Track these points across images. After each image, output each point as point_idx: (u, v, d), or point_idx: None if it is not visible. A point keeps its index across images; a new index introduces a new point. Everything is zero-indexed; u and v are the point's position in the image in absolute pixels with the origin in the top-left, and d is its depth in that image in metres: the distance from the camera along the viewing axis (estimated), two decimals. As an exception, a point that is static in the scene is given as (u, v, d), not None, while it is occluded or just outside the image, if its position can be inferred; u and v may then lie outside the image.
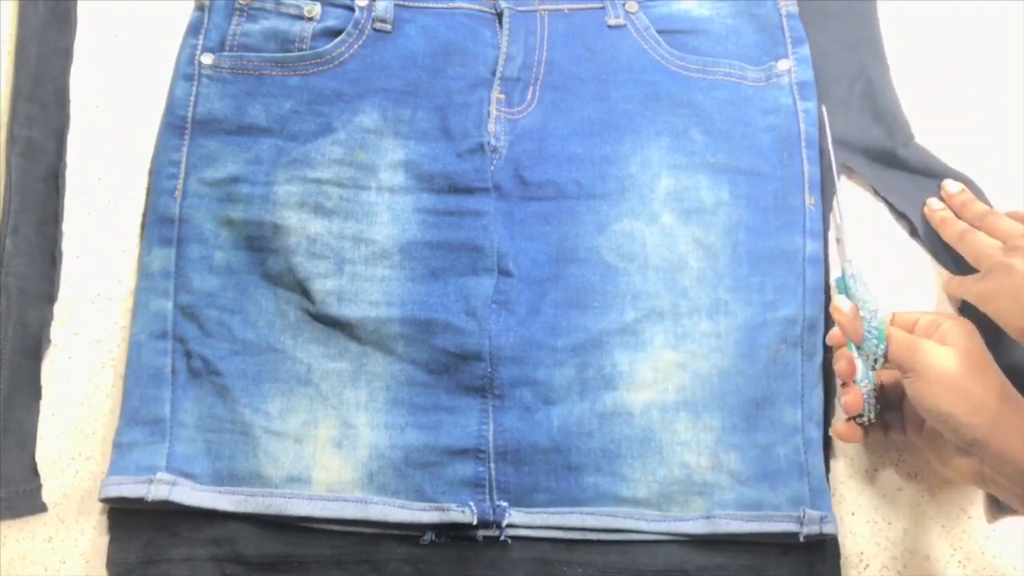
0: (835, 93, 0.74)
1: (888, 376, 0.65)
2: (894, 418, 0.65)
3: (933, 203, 0.71)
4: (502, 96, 0.73)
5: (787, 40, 0.75)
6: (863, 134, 0.74)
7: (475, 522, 0.63)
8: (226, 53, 0.73)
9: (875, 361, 0.60)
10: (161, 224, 0.69)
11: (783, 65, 0.74)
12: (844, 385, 0.63)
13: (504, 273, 0.68)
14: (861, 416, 0.62)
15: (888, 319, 0.64)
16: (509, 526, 0.64)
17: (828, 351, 0.68)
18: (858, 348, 0.62)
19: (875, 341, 0.60)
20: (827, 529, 0.63)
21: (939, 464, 0.62)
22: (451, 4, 0.75)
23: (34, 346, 0.67)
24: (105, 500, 0.63)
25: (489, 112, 0.72)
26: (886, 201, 0.74)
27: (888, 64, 0.76)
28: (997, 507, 0.67)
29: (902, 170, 0.73)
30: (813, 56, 0.74)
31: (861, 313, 0.61)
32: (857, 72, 0.75)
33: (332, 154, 0.70)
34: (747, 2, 0.76)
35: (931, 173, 0.72)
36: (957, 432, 0.57)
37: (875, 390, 0.62)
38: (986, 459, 0.57)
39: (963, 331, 0.59)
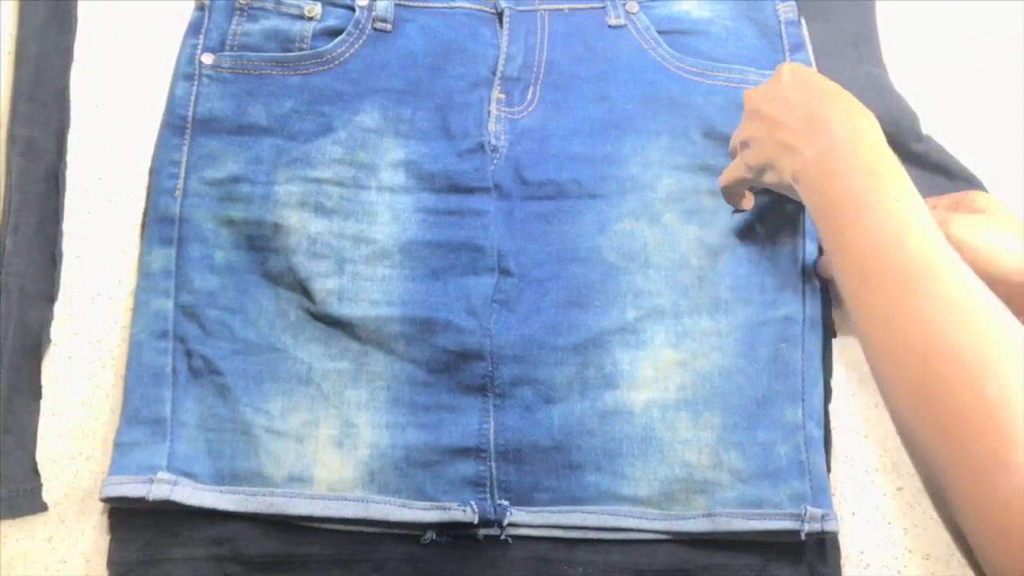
0: (840, 84, 0.75)
1: None
2: None
3: None
4: (502, 96, 0.73)
5: (785, 47, 0.75)
6: None
7: (476, 521, 0.63)
8: (226, 53, 0.73)
9: None
10: (161, 224, 0.69)
11: None
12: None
13: (504, 272, 0.68)
14: None
15: None
16: (510, 525, 0.64)
17: (828, 350, 0.68)
18: None
19: None
20: (828, 527, 0.63)
21: None
22: (451, 4, 0.75)
23: (34, 346, 0.67)
24: (106, 500, 0.63)
25: (489, 112, 0.72)
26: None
27: (884, 63, 0.76)
28: None
29: (917, 167, 0.73)
30: (815, 52, 0.75)
31: None
32: (859, 68, 0.75)
33: (332, 154, 0.70)
34: (747, 5, 0.76)
35: (947, 171, 0.72)
36: (1010, 291, 0.55)
37: None
38: None
39: (986, 199, 0.60)
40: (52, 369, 0.68)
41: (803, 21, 0.76)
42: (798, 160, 0.57)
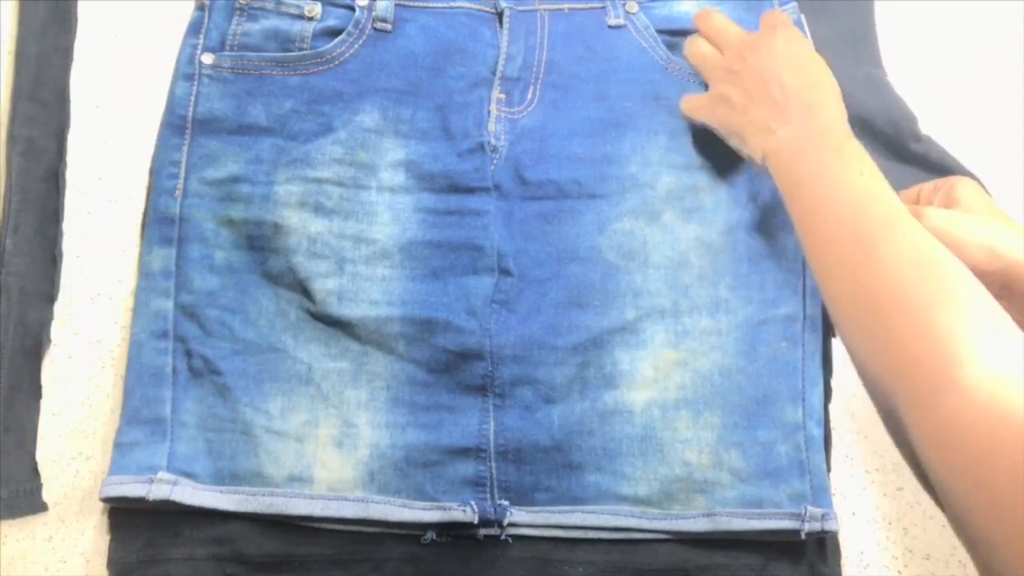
0: (840, 84, 0.75)
1: None
2: None
3: None
4: (502, 96, 0.73)
5: None
6: (870, 128, 0.74)
7: (476, 521, 0.63)
8: (226, 53, 0.73)
9: None
10: (161, 224, 0.69)
11: None
12: None
13: (504, 272, 0.68)
14: None
15: None
16: (510, 525, 0.64)
17: (829, 349, 0.68)
18: None
19: None
20: (828, 526, 0.63)
21: None
22: (451, 4, 0.75)
23: (34, 346, 0.67)
24: (106, 500, 0.63)
25: (489, 112, 0.72)
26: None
27: (883, 63, 0.76)
28: None
29: (917, 167, 0.73)
30: (816, 49, 0.75)
31: None
32: (859, 68, 0.75)
33: (332, 154, 0.70)
34: (747, 5, 0.76)
35: (946, 171, 0.72)
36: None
37: None
38: (1012, 301, 0.57)
39: (968, 185, 0.61)
40: (52, 369, 0.68)
41: (804, 20, 0.76)
42: (771, 140, 0.61)
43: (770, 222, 0.70)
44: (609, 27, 0.75)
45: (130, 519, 0.64)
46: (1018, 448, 0.39)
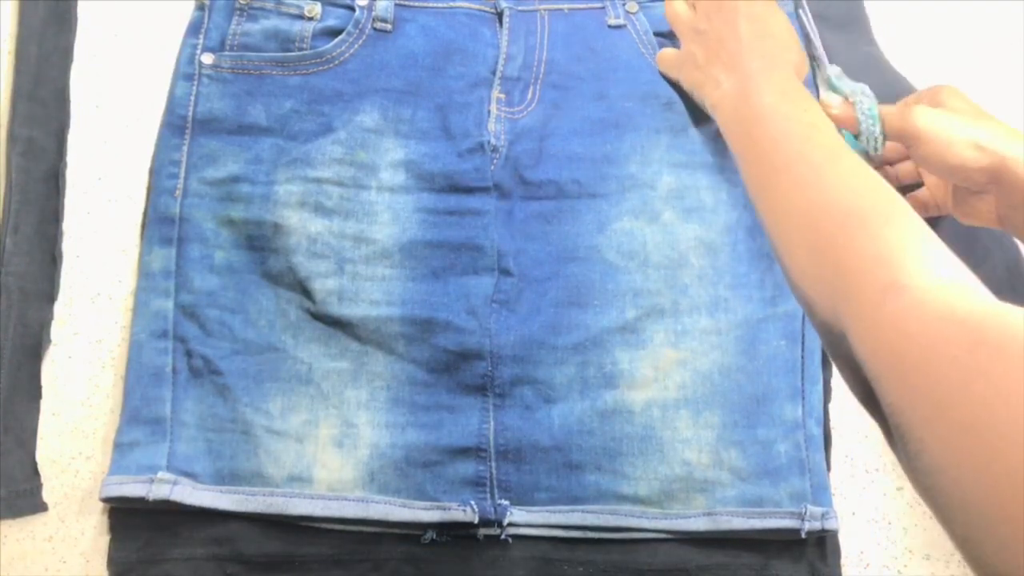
0: (839, 65, 0.75)
1: (899, 161, 0.69)
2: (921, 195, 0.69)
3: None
4: (502, 95, 0.73)
5: None
6: None
7: (476, 521, 0.63)
8: (226, 53, 0.73)
9: (875, 142, 0.64)
10: (161, 224, 0.69)
11: None
12: None
13: (504, 272, 0.68)
14: None
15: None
16: (510, 525, 0.64)
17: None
18: (856, 137, 0.65)
19: (870, 122, 0.63)
20: (829, 525, 0.63)
21: (963, 216, 0.65)
22: (451, 4, 0.75)
23: (34, 346, 0.67)
24: (106, 500, 0.63)
25: (489, 111, 0.72)
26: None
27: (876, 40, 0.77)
28: None
29: None
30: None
31: (852, 100, 0.64)
32: (855, 50, 0.75)
33: (332, 153, 0.70)
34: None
35: None
36: (969, 178, 0.59)
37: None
38: (1000, 195, 0.59)
39: (952, 90, 0.62)
40: (52, 369, 0.68)
41: (806, 12, 0.75)
42: (717, 92, 0.64)
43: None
44: (609, 27, 0.75)
45: (130, 519, 0.64)
46: (963, 345, 0.40)
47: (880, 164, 0.66)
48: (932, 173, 0.64)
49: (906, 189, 0.67)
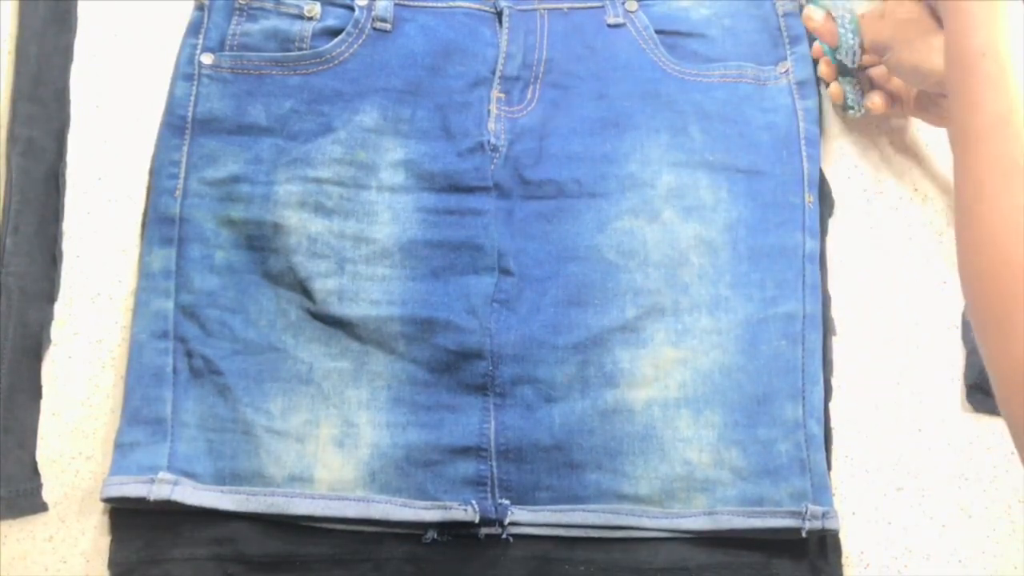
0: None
1: (872, 67, 0.73)
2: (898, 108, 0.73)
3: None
4: (502, 95, 0.73)
5: (785, 40, 0.75)
6: None
7: (477, 520, 0.63)
8: (226, 53, 0.73)
9: (853, 56, 0.69)
10: (162, 224, 0.69)
11: (781, 67, 0.74)
12: (828, 85, 0.73)
13: (505, 272, 0.68)
14: (851, 109, 0.72)
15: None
16: (511, 524, 0.64)
17: (829, 348, 0.69)
18: (835, 50, 0.70)
19: (850, 35, 0.68)
20: (829, 524, 0.63)
21: (935, 120, 0.71)
22: (451, 3, 0.75)
23: (34, 346, 0.67)
24: (107, 500, 0.63)
25: (489, 111, 0.72)
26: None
27: None
28: (981, 395, 0.69)
29: None
30: None
31: (834, 15, 0.68)
32: None
33: (332, 153, 0.70)
34: (746, 2, 0.76)
35: None
36: (938, 84, 0.63)
37: (858, 84, 0.72)
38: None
39: None
40: (52, 369, 0.68)
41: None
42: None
43: (770, 221, 0.71)
44: (608, 26, 0.75)
45: (131, 519, 0.64)
46: None
47: (856, 72, 0.72)
48: (902, 79, 0.68)
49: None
